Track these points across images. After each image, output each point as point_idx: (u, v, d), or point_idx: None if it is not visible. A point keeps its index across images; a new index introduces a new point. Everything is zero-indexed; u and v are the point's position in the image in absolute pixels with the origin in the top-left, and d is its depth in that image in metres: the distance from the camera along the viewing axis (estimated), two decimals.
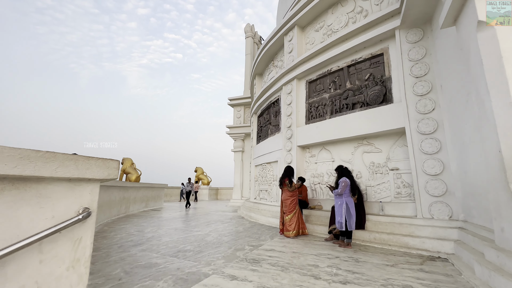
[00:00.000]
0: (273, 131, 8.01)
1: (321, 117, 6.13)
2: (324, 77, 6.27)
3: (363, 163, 5.21)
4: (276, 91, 7.96)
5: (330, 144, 5.90)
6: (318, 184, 5.97)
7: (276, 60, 8.86)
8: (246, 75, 15.32)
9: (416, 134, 4.28)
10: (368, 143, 5.19)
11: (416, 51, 4.48)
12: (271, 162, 7.80)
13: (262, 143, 8.73)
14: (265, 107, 8.87)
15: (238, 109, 14.55)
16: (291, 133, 6.68)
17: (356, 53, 5.55)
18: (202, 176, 21.67)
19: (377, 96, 5.02)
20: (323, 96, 6.16)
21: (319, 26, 6.76)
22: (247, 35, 15.88)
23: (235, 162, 14.13)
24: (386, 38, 5.04)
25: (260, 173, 8.56)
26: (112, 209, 7.24)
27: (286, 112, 7.01)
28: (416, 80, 4.41)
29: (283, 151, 6.93)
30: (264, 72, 10.15)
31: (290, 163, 6.56)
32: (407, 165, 4.57)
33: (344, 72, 5.74)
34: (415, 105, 4.35)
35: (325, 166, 5.95)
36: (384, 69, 5.04)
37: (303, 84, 6.83)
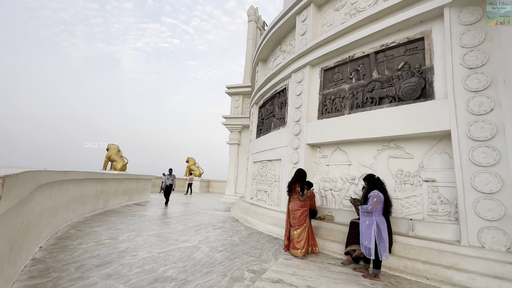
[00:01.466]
0: (277, 125, 7.05)
1: (337, 111, 5.19)
2: (343, 65, 5.30)
3: (388, 170, 4.33)
4: (283, 79, 6.95)
5: (347, 144, 5.00)
6: (329, 190, 5.10)
7: (284, 44, 7.80)
8: (246, 62, 14.19)
9: (465, 140, 3.41)
10: (396, 146, 4.30)
11: (472, 35, 3.55)
12: (273, 160, 6.88)
13: (263, 137, 7.77)
14: (269, 97, 7.87)
15: (236, 99, 13.47)
16: (299, 129, 5.74)
17: (387, 36, 4.58)
18: (194, 167, 20.69)
19: (412, 90, 4.10)
20: (342, 87, 5.20)
21: (340, 4, 5.73)
22: (250, 19, 14.64)
23: (230, 156, 13.16)
24: (429, 19, 4.08)
25: (259, 171, 7.64)
26: (86, 205, 6.21)
27: (295, 104, 6.05)
28: (470, 71, 3.50)
29: (288, 149, 6.00)
30: (268, 58, 9.09)
31: (296, 163, 5.65)
32: (447, 176, 3.72)
33: (370, 59, 4.78)
34: (466, 103, 3.46)
35: (339, 170, 5.06)
36: (423, 57, 4.11)
37: (317, 72, 5.84)
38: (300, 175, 4.34)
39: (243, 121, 12.84)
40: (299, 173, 4.35)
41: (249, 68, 13.97)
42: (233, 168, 12.89)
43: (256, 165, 8.11)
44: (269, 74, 7.71)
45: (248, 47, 14.38)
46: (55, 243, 3.84)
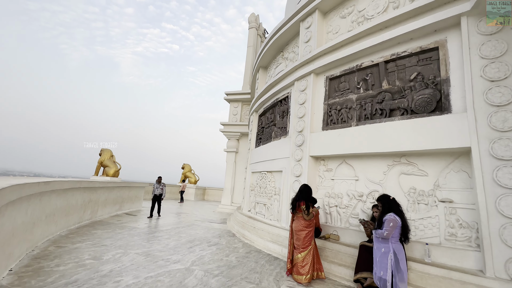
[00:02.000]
0: (278, 135, 6.73)
1: (344, 122, 4.90)
2: (350, 74, 5.05)
3: (399, 188, 4.01)
4: (285, 87, 6.68)
5: (354, 158, 4.68)
6: (334, 207, 4.75)
7: (286, 52, 7.57)
8: (246, 68, 13.99)
9: (488, 159, 3.11)
10: (408, 162, 4.00)
11: (493, 46, 3.31)
12: (273, 171, 6.53)
13: (263, 147, 7.43)
14: (269, 105, 7.57)
15: (235, 105, 13.18)
16: (302, 139, 5.42)
17: (398, 45, 4.34)
18: (189, 174, 20.18)
19: (427, 103, 3.83)
20: (349, 97, 4.93)
21: (346, 11, 5.52)
22: (251, 26, 14.53)
23: (227, 164, 12.77)
24: (444, 28, 3.85)
25: (257, 182, 7.27)
26: (71, 216, 5.74)
27: (298, 114, 5.75)
28: (491, 84, 3.24)
29: (290, 160, 5.66)
30: (270, 65, 8.85)
31: (299, 176, 5.31)
32: (466, 197, 3.40)
33: (380, 68, 4.53)
34: (488, 118, 3.18)
35: (345, 185, 4.73)
36: (438, 68, 3.86)
37: (321, 81, 5.58)
38: (305, 192, 3.99)
39: (241, 129, 12.52)
40: (304, 189, 4.00)
41: (248, 74, 13.76)
42: (230, 176, 12.48)
43: (254, 175, 7.75)
44: (270, 82, 7.44)
45: (248, 54, 14.21)
46: (28, 265, 3.39)
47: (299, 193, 4.03)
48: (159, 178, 9.20)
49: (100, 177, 13.61)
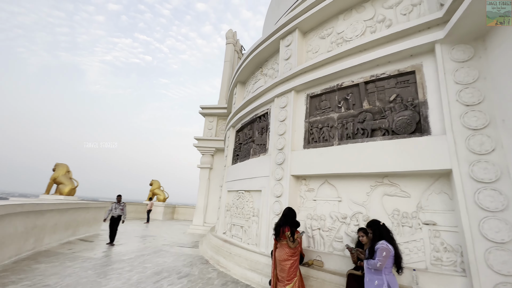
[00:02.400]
0: (257, 152, 6.46)
1: (326, 141, 4.81)
2: (331, 93, 5.05)
3: (383, 210, 3.92)
4: (264, 104, 6.53)
5: (337, 178, 4.56)
6: (317, 229, 4.51)
7: (266, 68, 7.53)
8: (223, 83, 13.81)
9: (469, 181, 3.14)
10: (390, 183, 3.95)
11: (466, 73, 3.48)
12: (251, 190, 6.17)
13: (240, 164, 7.08)
14: (248, 121, 7.34)
15: (210, 120, 12.75)
16: (283, 158, 5.21)
17: (377, 67, 4.45)
18: (158, 191, 18.83)
19: (407, 124, 3.88)
20: (330, 116, 4.88)
21: (326, 32, 5.64)
22: (228, 41, 14.57)
23: (201, 181, 12.08)
24: (420, 53, 4.02)
25: (234, 201, 6.82)
26: (6, 248, 4.71)
27: (278, 131, 5.57)
28: (467, 108, 3.36)
29: (270, 179, 5.38)
30: (248, 80, 8.73)
31: (279, 196, 5.03)
32: (448, 219, 3.39)
33: (360, 89, 4.58)
34: (466, 141, 3.25)
35: (327, 206, 4.54)
36: (416, 90, 3.97)
37: (302, 98, 5.52)
38: (289, 216, 3.70)
39: (216, 144, 12.06)
40: (288, 213, 3.71)
41: (225, 89, 13.57)
42: (203, 194, 11.77)
43: (231, 194, 7.29)
44: (249, 97, 7.26)
45: (225, 69, 14.10)
46: None
47: (283, 218, 3.72)
48: (119, 197, 7.94)
49: (52, 195, 11.96)
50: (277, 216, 4.95)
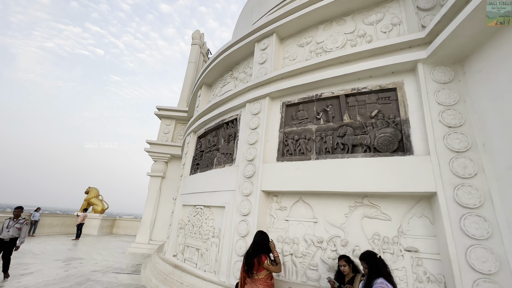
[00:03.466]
0: (222, 162, 5.71)
1: (302, 154, 4.37)
2: (309, 103, 4.70)
3: (363, 233, 3.57)
4: (233, 109, 5.89)
5: (312, 196, 4.11)
6: (289, 255, 3.93)
7: (236, 71, 6.95)
8: (185, 85, 12.76)
9: (454, 206, 2.98)
10: (370, 204, 3.65)
11: (447, 94, 3.45)
12: (212, 206, 5.33)
13: (200, 174, 6.19)
14: (213, 127, 6.56)
15: (167, 123, 11.46)
16: (253, 170, 4.58)
17: (359, 81, 4.26)
18: (95, 200, 16.14)
19: (389, 142, 3.68)
20: (308, 127, 4.50)
21: (304, 41, 5.39)
22: (194, 42, 13.71)
23: (150, 191, 10.56)
24: (401, 71, 3.95)
25: (190, 218, 5.85)
26: None
27: (249, 139, 4.96)
28: (449, 130, 3.28)
29: (237, 194, 4.67)
30: (215, 83, 8.01)
31: (246, 215, 4.35)
32: (430, 246, 3.18)
33: (341, 101, 4.32)
34: (450, 163, 3.13)
35: (301, 227, 4.03)
36: (397, 108, 3.84)
37: (277, 106, 5.06)
38: (262, 242, 3.05)
39: (172, 150, 10.80)
40: (261, 239, 3.08)
41: (187, 92, 12.53)
42: (151, 206, 10.26)
43: (186, 209, 6.29)
44: (215, 100, 6.54)
45: (188, 70, 13.12)
46: None
47: (255, 245, 3.07)
48: (17, 210, 5.58)
49: None
50: (242, 239, 4.24)
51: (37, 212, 12.01)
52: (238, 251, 4.21)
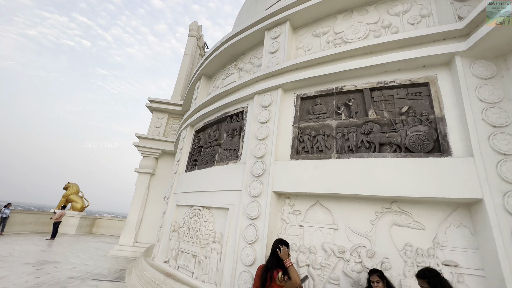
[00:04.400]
0: (225, 158, 5.15)
1: (321, 153, 3.91)
2: (328, 96, 4.27)
3: (392, 243, 3.15)
4: (239, 101, 5.36)
5: (332, 199, 3.65)
6: (305, 266, 3.44)
7: (241, 62, 6.43)
8: (179, 78, 12.07)
9: (504, 215, 2.61)
10: (400, 211, 3.24)
11: (490, 90, 3.10)
12: (213, 207, 4.76)
13: (199, 172, 5.59)
14: (214, 120, 6.00)
15: (159, 116, 10.71)
16: (263, 168, 4.07)
17: (385, 73, 3.87)
18: (74, 197, 14.99)
19: (422, 141, 3.29)
20: (327, 123, 4.05)
21: (321, 30, 4.97)
22: (191, 34, 13.05)
23: (137, 188, 9.77)
24: (434, 65, 3.59)
25: (186, 220, 5.23)
26: None
27: (258, 134, 4.45)
28: (494, 130, 2.93)
29: (243, 195, 4.14)
30: (216, 74, 7.45)
31: (255, 219, 3.83)
32: (471, 260, 2.80)
33: (365, 95, 3.90)
34: (497, 167, 2.77)
35: (319, 235, 3.55)
36: (431, 105, 3.47)
37: (291, 99, 4.59)
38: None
39: (164, 146, 10.07)
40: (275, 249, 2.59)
41: (181, 85, 11.84)
42: (138, 205, 9.47)
43: (181, 210, 5.66)
44: (217, 92, 5.98)
45: (183, 63, 12.43)
46: None
47: (270, 257, 2.58)
48: None
49: None
50: (249, 246, 3.71)
51: (7, 208, 10.85)
52: (244, 260, 3.67)
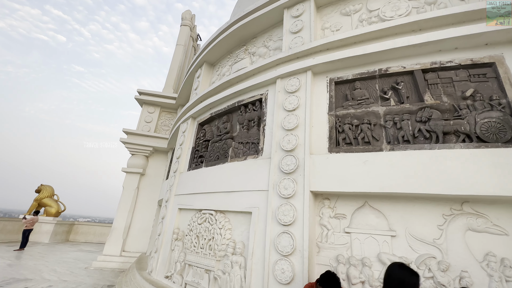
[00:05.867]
0: (241, 153, 4.40)
1: (367, 144, 3.29)
2: (370, 79, 3.67)
3: (469, 253, 2.58)
4: (255, 87, 4.64)
5: (385, 200, 3.04)
6: (359, 283, 2.78)
7: (253, 45, 5.72)
8: (172, 69, 11.11)
9: None
10: (475, 213, 2.68)
11: None
12: (228, 211, 3.99)
13: (207, 169, 4.78)
14: (223, 111, 5.21)
15: (150, 110, 9.68)
16: (295, 164, 3.38)
17: (439, 53, 3.33)
18: (48, 200, 13.41)
19: (497, 129, 2.77)
20: (372, 110, 3.44)
21: (352, 8, 4.38)
22: (184, 23, 12.12)
23: (125, 190, 8.68)
24: (498, 43, 3.09)
25: (193, 227, 4.40)
26: None
27: (284, 124, 3.76)
28: None
29: (271, 196, 3.42)
30: (220, 61, 6.67)
31: (289, 225, 3.13)
32: None
33: (417, 78, 3.33)
34: None
35: (373, 243, 2.92)
36: (500, 87, 2.97)
37: (323, 83, 3.94)
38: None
39: (156, 142, 9.07)
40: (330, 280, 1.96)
41: (173, 76, 10.88)
42: (126, 210, 8.40)
43: (186, 215, 4.82)
44: (226, 79, 5.23)
45: (176, 53, 11.48)
46: None
47: None
48: None
49: None
50: (284, 259, 3.00)
51: None
52: (279, 277, 2.95)
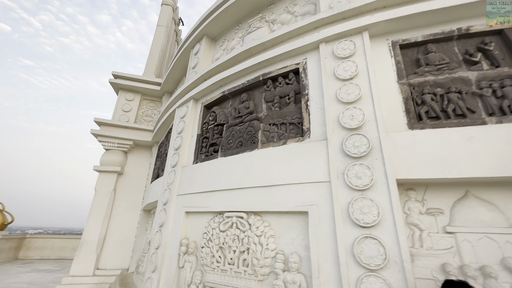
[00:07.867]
0: (276, 137, 3.41)
1: (461, 117, 2.57)
2: (445, 41, 2.97)
3: None
4: (286, 56, 3.71)
5: (494, 187, 2.33)
6: None
7: (270, 13, 4.77)
8: (153, 53, 9.66)
9: None
10: None
11: None
12: (267, 212, 2.99)
13: (225, 160, 3.70)
14: (241, 88, 4.16)
15: (129, 97, 8.11)
16: (367, 145, 2.54)
17: None
18: None
19: None
20: (458, 75, 2.73)
21: None
22: (166, 1, 10.71)
23: (98, 193, 7.06)
24: None
25: (212, 235, 3.30)
26: None
27: (340, 96, 2.91)
28: None
29: (335, 188, 2.52)
30: (226, 34, 5.59)
31: (371, 226, 2.26)
32: None
33: (509, 37, 2.71)
34: None
35: (490, 245, 2.18)
36: None
37: (383, 47, 3.15)
38: None
39: (136, 135, 7.58)
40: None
41: (155, 61, 9.42)
42: (99, 217, 6.81)
43: (197, 220, 3.68)
44: (243, 49, 4.23)
45: (157, 35, 10.02)
46: None
47: None
48: None
49: None
50: (373, 274, 2.13)
51: None
52: None
